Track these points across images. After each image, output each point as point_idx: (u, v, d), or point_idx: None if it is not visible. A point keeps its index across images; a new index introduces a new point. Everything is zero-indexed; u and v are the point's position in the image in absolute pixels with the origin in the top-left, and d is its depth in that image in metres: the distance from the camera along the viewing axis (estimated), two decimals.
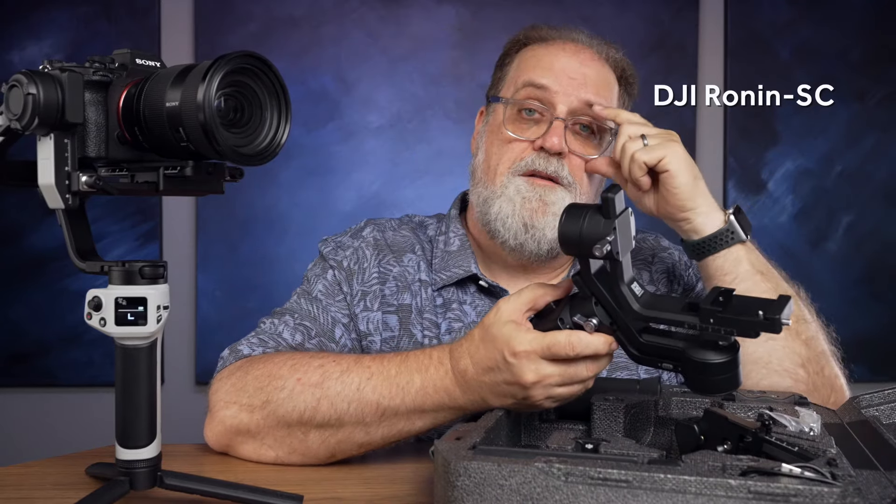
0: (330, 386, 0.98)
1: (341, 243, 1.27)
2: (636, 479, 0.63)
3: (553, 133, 1.16)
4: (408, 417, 0.97)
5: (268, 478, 0.94)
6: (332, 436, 0.98)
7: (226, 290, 2.60)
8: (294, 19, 2.60)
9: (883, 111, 2.70)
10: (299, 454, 1.00)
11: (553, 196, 1.17)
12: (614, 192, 0.81)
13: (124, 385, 0.78)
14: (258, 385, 1.01)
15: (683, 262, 1.34)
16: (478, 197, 1.23)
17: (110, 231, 2.58)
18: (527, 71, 1.22)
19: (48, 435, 2.58)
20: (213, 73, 0.70)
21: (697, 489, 0.62)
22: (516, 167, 1.18)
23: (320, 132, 2.61)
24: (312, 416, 0.98)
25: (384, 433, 0.98)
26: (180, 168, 0.75)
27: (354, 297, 1.21)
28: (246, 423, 1.01)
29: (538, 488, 0.66)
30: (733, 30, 2.68)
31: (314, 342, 1.16)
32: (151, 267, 0.77)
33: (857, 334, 2.67)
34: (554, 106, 1.18)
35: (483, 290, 1.23)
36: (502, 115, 1.22)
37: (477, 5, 2.63)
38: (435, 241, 1.28)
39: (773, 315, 0.73)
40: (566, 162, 1.18)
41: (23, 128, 0.73)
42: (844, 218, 2.70)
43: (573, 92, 1.18)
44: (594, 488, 0.64)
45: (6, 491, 0.90)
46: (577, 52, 1.23)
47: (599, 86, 1.21)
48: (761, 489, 0.61)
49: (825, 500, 0.60)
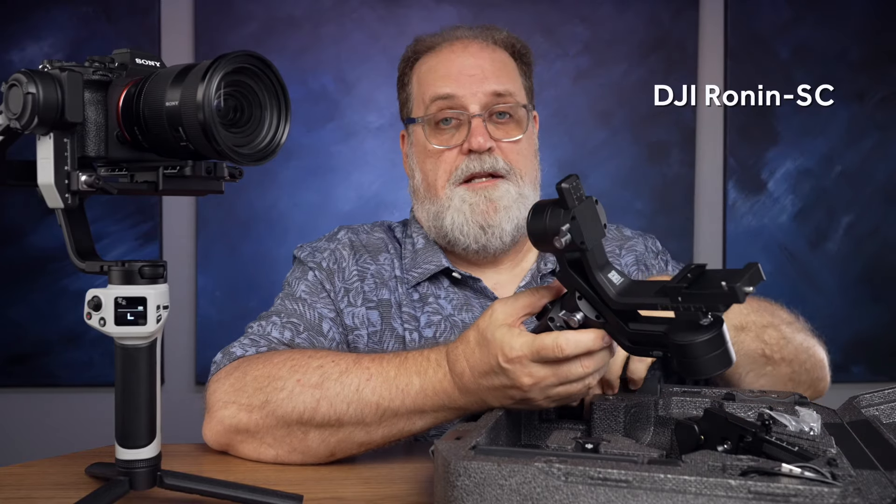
0: (329, 387, 0.98)
1: (317, 247, 1.30)
2: (636, 479, 0.63)
3: (475, 133, 1.21)
4: (408, 418, 0.97)
5: (268, 478, 0.94)
6: (332, 435, 0.99)
7: (226, 290, 2.60)
8: (294, 19, 2.60)
9: (883, 111, 2.70)
10: (300, 453, 1.00)
11: (497, 192, 1.23)
12: (569, 182, 0.80)
13: (124, 385, 0.78)
14: (257, 385, 1.01)
15: (651, 251, 1.36)
16: (427, 213, 1.28)
17: (110, 231, 2.58)
18: (429, 86, 1.26)
19: (48, 435, 2.58)
20: (213, 73, 0.70)
21: (697, 489, 0.62)
22: (454, 177, 1.23)
23: (320, 132, 2.61)
24: (312, 417, 0.98)
25: (384, 433, 0.98)
26: (180, 168, 0.75)
27: (338, 293, 1.24)
28: (245, 423, 1.01)
29: (538, 488, 0.66)
30: (733, 30, 2.68)
31: (303, 337, 1.17)
32: (151, 267, 0.77)
33: (857, 334, 2.67)
34: (466, 108, 1.23)
35: (456, 282, 1.27)
36: (423, 133, 1.26)
37: (477, 5, 2.63)
38: (403, 242, 1.32)
39: (735, 283, 0.70)
40: (497, 154, 1.23)
41: (22, 127, 0.73)
42: (844, 218, 2.70)
43: (477, 88, 1.23)
44: (594, 488, 0.64)
45: (6, 491, 0.90)
46: (466, 48, 1.27)
47: (498, 72, 1.26)
48: (761, 489, 0.61)
49: (825, 500, 0.60)
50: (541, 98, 2.63)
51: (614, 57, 2.66)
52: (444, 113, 1.24)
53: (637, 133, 2.67)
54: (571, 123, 2.64)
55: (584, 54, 2.65)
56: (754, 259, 0.74)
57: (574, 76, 2.65)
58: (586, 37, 2.65)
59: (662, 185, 2.68)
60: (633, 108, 2.67)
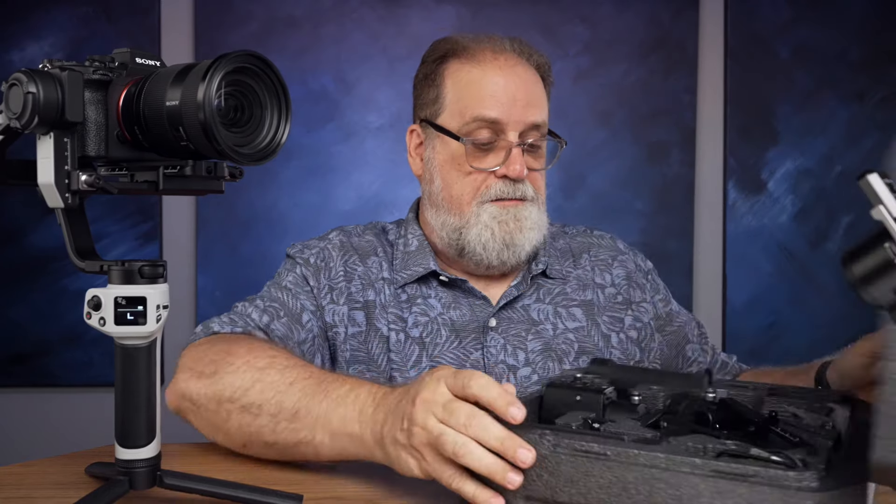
0: (270, 374, 0.98)
1: (308, 245, 1.32)
2: (613, 454, 0.70)
3: (514, 162, 1.21)
4: (312, 427, 0.92)
5: (268, 477, 0.94)
6: (249, 424, 0.98)
7: (226, 290, 2.60)
8: (294, 19, 2.60)
9: (883, 111, 2.70)
10: (222, 434, 1.01)
11: (524, 212, 1.24)
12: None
13: (124, 385, 0.78)
14: (214, 358, 1.04)
15: (641, 270, 1.37)
16: (442, 224, 1.26)
17: (110, 231, 2.58)
18: (472, 102, 1.22)
19: (48, 435, 2.58)
20: (214, 73, 0.70)
21: (665, 465, 0.68)
22: (483, 196, 1.23)
23: (320, 132, 2.61)
24: (241, 396, 0.98)
25: (287, 438, 0.94)
26: (180, 167, 0.75)
27: (321, 290, 1.25)
28: (191, 390, 1.03)
29: None
30: (733, 30, 2.68)
31: (283, 322, 1.19)
32: (151, 266, 0.77)
33: (857, 334, 2.66)
34: (506, 134, 1.21)
35: (444, 284, 1.27)
36: (460, 150, 1.23)
37: (477, 5, 2.63)
38: (395, 244, 1.32)
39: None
40: (528, 181, 1.24)
41: (22, 126, 0.73)
42: (844, 218, 2.70)
43: (520, 117, 1.21)
44: (574, 458, 0.71)
45: (6, 490, 0.90)
46: (513, 68, 1.24)
47: (537, 101, 1.25)
48: (722, 468, 0.66)
49: (780, 481, 0.63)
50: None
51: (614, 57, 2.66)
52: (485, 136, 1.22)
53: (637, 133, 2.67)
54: (571, 123, 2.64)
55: (584, 54, 2.65)
56: (754, 259, 0.74)
57: (574, 76, 2.65)
58: (586, 37, 2.65)
59: (662, 185, 2.68)
60: (633, 108, 2.67)
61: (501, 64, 1.24)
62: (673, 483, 0.67)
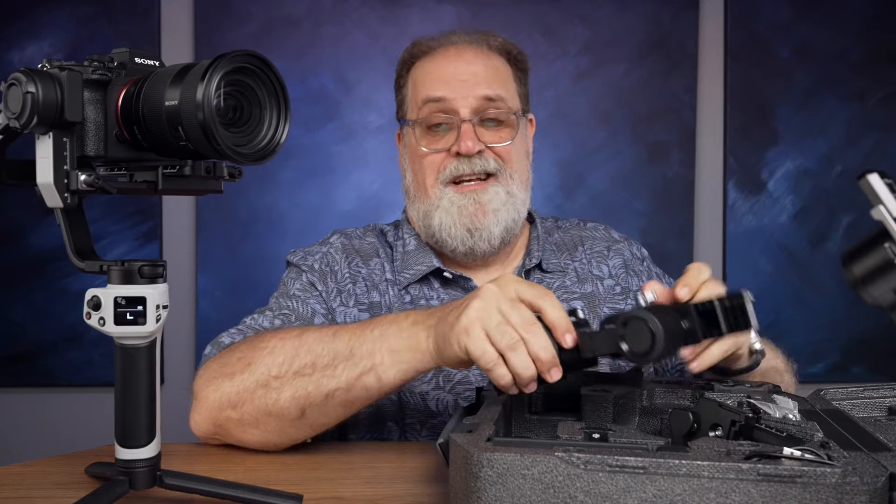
0: (310, 335, 1.01)
1: (309, 251, 1.32)
2: (652, 466, 0.66)
3: (464, 137, 1.22)
4: (371, 353, 0.97)
5: (268, 477, 0.94)
6: (305, 385, 0.99)
7: (226, 290, 2.60)
8: (294, 19, 2.60)
9: (883, 111, 2.70)
10: (274, 416, 1.00)
11: (486, 195, 1.24)
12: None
13: (124, 385, 0.78)
14: (240, 355, 1.04)
15: (637, 257, 1.39)
16: (417, 212, 1.29)
17: (110, 231, 2.58)
18: (422, 88, 1.28)
19: (48, 435, 2.58)
20: (213, 72, 0.70)
21: (710, 473, 0.65)
22: (442, 177, 1.25)
23: (320, 132, 2.61)
24: (290, 365, 0.99)
25: (348, 376, 0.97)
26: (179, 167, 0.75)
27: (330, 293, 1.26)
28: (228, 392, 1.02)
29: (560, 477, 0.68)
30: (733, 30, 2.68)
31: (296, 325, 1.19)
32: (150, 266, 0.77)
33: (857, 334, 2.67)
34: (457, 112, 1.24)
35: (447, 283, 1.28)
36: (414, 135, 1.27)
37: (477, 5, 2.63)
38: (394, 245, 1.33)
39: None
40: (488, 155, 1.24)
41: (21, 126, 0.73)
42: (844, 218, 2.70)
43: (469, 93, 1.24)
44: (613, 475, 0.67)
45: (6, 490, 0.90)
46: (460, 54, 1.28)
47: (490, 77, 1.27)
48: (769, 472, 0.64)
49: (828, 479, 0.63)
50: (541, 98, 2.64)
51: (614, 57, 2.66)
52: (436, 117, 1.25)
53: (637, 133, 2.67)
54: (571, 123, 2.64)
55: (584, 54, 2.65)
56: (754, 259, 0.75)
57: (574, 76, 2.65)
58: (586, 37, 2.65)
59: (662, 185, 2.68)
60: (633, 108, 2.67)
61: (450, 52, 1.29)
62: (722, 492, 0.65)
